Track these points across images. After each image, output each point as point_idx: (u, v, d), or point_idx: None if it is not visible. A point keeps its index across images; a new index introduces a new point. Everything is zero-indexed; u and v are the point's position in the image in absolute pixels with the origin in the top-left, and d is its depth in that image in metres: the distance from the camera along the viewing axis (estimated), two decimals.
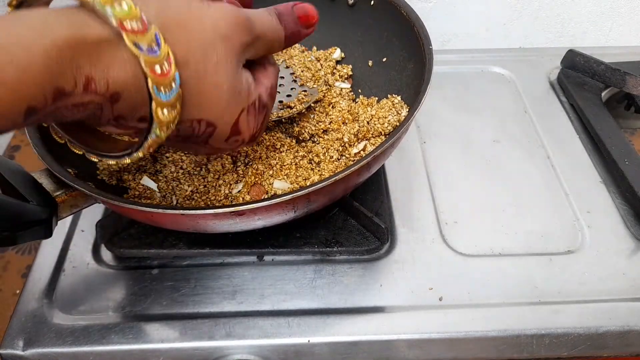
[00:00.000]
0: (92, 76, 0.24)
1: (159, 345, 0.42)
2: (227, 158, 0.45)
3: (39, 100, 0.23)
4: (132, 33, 0.24)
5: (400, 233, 0.50)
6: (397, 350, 0.43)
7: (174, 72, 0.26)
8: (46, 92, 0.23)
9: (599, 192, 0.54)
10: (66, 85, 0.23)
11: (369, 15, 0.54)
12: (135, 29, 0.24)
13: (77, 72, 0.23)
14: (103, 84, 0.24)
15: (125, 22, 0.24)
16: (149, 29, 0.24)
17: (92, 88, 0.24)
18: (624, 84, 0.62)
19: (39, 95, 0.22)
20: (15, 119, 0.22)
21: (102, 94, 0.25)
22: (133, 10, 0.24)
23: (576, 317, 0.43)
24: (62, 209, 0.38)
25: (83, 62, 0.23)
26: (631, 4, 0.75)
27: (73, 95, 0.24)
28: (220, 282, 0.46)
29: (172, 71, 0.26)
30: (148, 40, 0.24)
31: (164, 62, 0.25)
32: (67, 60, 0.23)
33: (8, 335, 0.42)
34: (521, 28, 0.78)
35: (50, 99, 0.23)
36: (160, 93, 0.26)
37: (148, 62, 0.25)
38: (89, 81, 0.24)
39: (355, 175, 0.38)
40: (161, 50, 0.25)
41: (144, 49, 0.24)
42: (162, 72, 0.25)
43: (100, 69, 0.24)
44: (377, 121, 0.48)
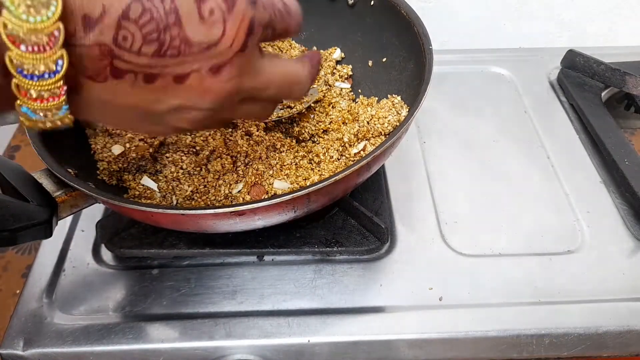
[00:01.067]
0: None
1: (159, 345, 0.42)
2: (227, 158, 0.45)
3: None
4: (18, 44, 0.20)
5: (400, 233, 0.50)
6: (397, 350, 0.43)
7: (62, 104, 0.22)
8: None
9: (599, 192, 0.54)
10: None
11: (369, 15, 0.54)
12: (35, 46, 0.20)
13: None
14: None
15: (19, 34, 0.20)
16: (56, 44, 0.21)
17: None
18: (624, 84, 0.62)
19: None
20: None
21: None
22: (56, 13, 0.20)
23: (576, 317, 0.43)
24: (62, 209, 0.38)
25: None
26: (631, 4, 0.75)
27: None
28: (220, 282, 0.46)
29: (59, 101, 0.22)
30: (48, 58, 0.21)
31: (53, 89, 0.22)
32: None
33: (8, 335, 0.42)
34: (521, 28, 0.78)
35: None
36: (32, 113, 0.23)
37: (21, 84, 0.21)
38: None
39: (355, 175, 0.38)
40: (55, 78, 0.21)
41: (26, 72, 0.21)
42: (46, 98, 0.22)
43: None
44: (377, 121, 0.48)
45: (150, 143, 0.47)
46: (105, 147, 0.46)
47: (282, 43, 0.57)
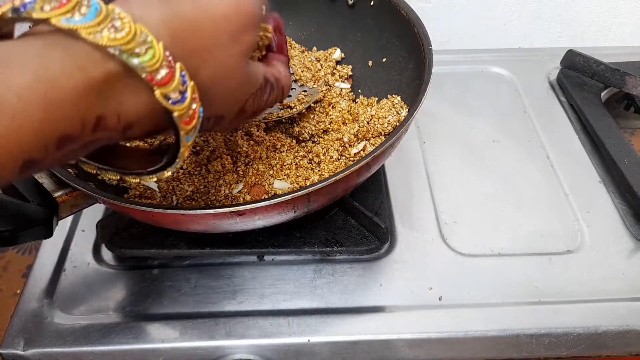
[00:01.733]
0: (103, 115, 0.21)
1: (159, 345, 0.42)
2: (227, 158, 0.45)
3: (39, 152, 0.19)
4: (162, 85, 0.21)
5: (400, 233, 0.50)
6: (397, 350, 0.43)
7: (198, 108, 0.24)
8: (48, 143, 0.19)
9: (598, 192, 0.54)
10: (72, 130, 0.20)
11: (369, 15, 0.54)
12: (164, 78, 0.21)
13: (86, 114, 0.20)
14: (115, 119, 0.22)
15: (155, 74, 0.21)
16: (174, 74, 0.22)
17: (103, 125, 0.21)
18: (624, 84, 0.62)
19: (39, 146, 0.19)
20: (8, 175, 0.19)
21: (114, 128, 0.22)
22: (157, 52, 0.21)
23: (576, 317, 0.43)
24: (63, 209, 0.38)
25: (91, 102, 0.20)
26: (631, 4, 0.75)
27: (81, 138, 0.21)
28: (220, 282, 0.46)
29: (197, 109, 0.24)
30: (176, 86, 0.22)
31: (191, 104, 0.23)
32: (72, 104, 0.20)
33: (8, 335, 0.42)
34: (521, 28, 0.78)
35: (53, 148, 0.20)
36: (189, 137, 0.24)
37: (180, 115, 0.23)
38: (99, 120, 0.21)
39: (355, 175, 0.38)
40: (188, 92, 0.23)
41: (173, 99, 0.22)
42: (191, 118, 0.23)
43: (111, 106, 0.21)
44: (377, 121, 0.48)
45: (150, 143, 0.47)
46: None
47: None
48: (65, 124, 0.20)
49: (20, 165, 0.19)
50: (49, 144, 0.20)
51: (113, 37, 0.20)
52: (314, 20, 0.59)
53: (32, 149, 0.19)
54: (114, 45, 0.20)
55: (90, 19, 0.19)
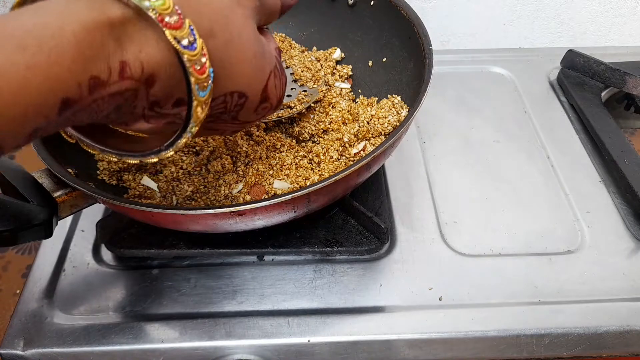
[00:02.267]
0: (126, 60, 0.22)
1: (159, 345, 0.42)
2: (227, 158, 0.45)
3: (74, 91, 0.21)
4: (172, 28, 0.23)
5: (400, 233, 0.50)
6: (397, 350, 0.43)
7: (209, 67, 0.25)
8: (81, 82, 0.21)
9: (598, 192, 0.54)
10: (101, 73, 0.22)
11: (369, 15, 0.54)
12: (173, 23, 0.23)
13: (111, 57, 0.22)
14: (138, 67, 0.23)
15: (165, 16, 0.22)
16: (184, 22, 0.23)
17: (128, 73, 0.23)
18: (624, 84, 0.62)
19: (73, 85, 0.21)
20: (50, 114, 0.21)
21: (138, 78, 0.23)
22: (168, 1, 0.22)
23: (576, 317, 0.43)
24: (63, 209, 0.38)
25: (114, 46, 0.22)
26: (631, 4, 0.75)
27: (109, 84, 0.22)
28: (220, 282, 0.46)
29: (208, 65, 0.25)
30: (186, 34, 0.23)
31: (201, 57, 0.24)
32: (98, 44, 0.21)
33: (8, 335, 0.42)
34: (521, 28, 0.78)
35: (86, 90, 0.21)
36: (200, 91, 0.25)
37: (189, 59, 0.23)
38: (123, 66, 0.22)
39: (355, 175, 0.38)
40: (197, 44, 0.24)
41: (184, 44, 0.23)
42: (202, 69, 0.24)
43: (132, 51, 0.23)
44: (377, 121, 0.48)
45: None
46: None
47: (282, 43, 0.57)
48: (93, 64, 0.21)
49: (59, 103, 0.21)
50: (82, 83, 0.21)
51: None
52: (314, 20, 0.59)
53: (69, 87, 0.21)
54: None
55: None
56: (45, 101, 0.20)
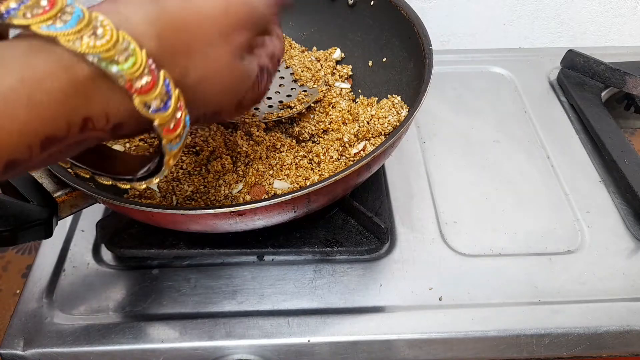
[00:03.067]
0: (90, 116, 0.21)
1: (159, 345, 0.42)
2: (227, 158, 0.45)
3: (22, 152, 0.19)
4: (142, 93, 0.21)
5: (400, 233, 0.50)
6: (397, 350, 0.43)
7: (184, 117, 0.24)
8: (32, 144, 0.19)
9: (598, 192, 0.54)
10: (57, 132, 0.20)
11: (369, 15, 0.54)
12: (144, 86, 0.21)
13: (71, 115, 0.20)
14: (102, 120, 0.22)
15: (134, 81, 0.21)
16: (158, 80, 0.22)
17: (90, 127, 0.21)
18: (624, 84, 0.62)
19: (22, 147, 0.19)
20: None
21: (102, 129, 0.22)
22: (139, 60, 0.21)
23: (576, 317, 0.43)
24: (63, 209, 0.38)
25: (78, 104, 0.20)
26: (631, 4, 0.75)
27: (67, 139, 0.21)
28: (220, 282, 0.46)
29: (183, 117, 0.23)
30: (158, 94, 0.22)
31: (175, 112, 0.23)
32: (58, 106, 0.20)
33: (8, 335, 0.42)
34: (521, 28, 0.78)
35: (38, 149, 0.20)
36: (173, 146, 0.24)
37: (161, 123, 0.22)
38: (86, 122, 0.21)
39: (355, 175, 0.38)
40: (172, 100, 0.22)
41: (154, 108, 0.22)
42: (175, 126, 0.23)
43: (97, 108, 0.21)
44: (377, 121, 0.48)
45: (150, 143, 0.47)
46: None
47: None
48: (50, 125, 0.20)
49: (2, 166, 0.19)
50: (33, 145, 0.19)
51: (92, 44, 0.20)
52: (314, 20, 0.59)
53: (15, 150, 0.19)
54: (93, 53, 0.20)
55: (70, 26, 0.19)
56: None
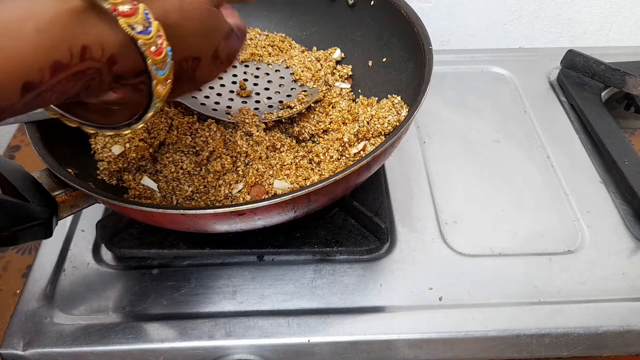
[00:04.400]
0: (87, 44, 0.24)
1: (159, 345, 0.42)
2: (227, 158, 0.45)
3: (35, 75, 0.23)
4: (125, 16, 0.25)
5: (400, 233, 0.50)
6: (397, 350, 0.43)
7: (166, 46, 0.27)
8: (43, 67, 0.23)
9: (599, 192, 0.54)
10: (62, 57, 0.23)
11: (369, 15, 0.54)
12: (127, 11, 0.24)
13: (72, 43, 0.24)
14: (98, 49, 0.25)
15: (118, 6, 0.24)
16: (137, 10, 0.25)
17: (89, 55, 0.24)
18: (624, 84, 0.62)
19: (34, 70, 0.23)
20: (11, 97, 0.23)
21: (99, 59, 0.25)
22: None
23: (576, 317, 0.43)
24: (63, 209, 0.38)
25: (76, 32, 0.24)
26: (631, 4, 0.75)
27: (71, 66, 0.24)
28: (220, 282, 0.46)
29: (165, 45, 0.27)
30: (140, 20, 0.25)
31: (157, 39, 0.26)
32: (59, 32, 0.23)
33: (8, 335, 0.42)
34: (521, 28, 0.78)
35: (48, 73, 0.23)
36: (159, 71, 0.27)
37: (144, 43, 0.26)
38: (84, 50, 0.24)
39: (355, 175, 0.38)
40: (152, 27, 0.26)
41: (138, 30, 0.25)
42: (158, 50, 0.26)
43: (93, 36, 0.24)
44: (377, 121, 0.48)
45: (150, 143, 0.47)
46: (105, 147, 0.46)
47: (282, 43, 0.57)
48: (55, 50, 0.23)
49: (21, 86, 0.22)
50: (43, 68, 0.23)
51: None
52: (314, 20, 0.59)
53: (30, 72, 0.22)
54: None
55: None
56: (5, 87, 0.22)
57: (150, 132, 0.47)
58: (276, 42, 0.57)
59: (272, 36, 0.58)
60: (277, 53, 0.57)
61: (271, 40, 0.57)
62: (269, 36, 0.58)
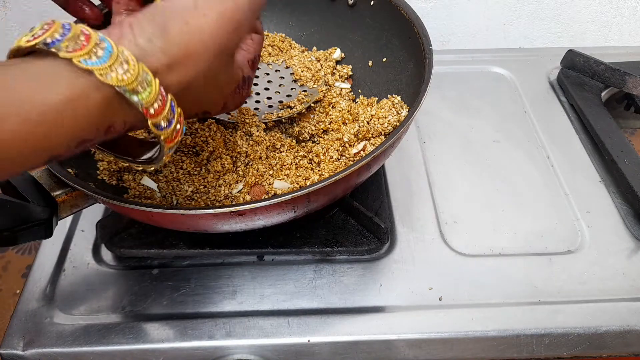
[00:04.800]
0: (113, 123, 0.26)
1: (159, 345, 0.42)
2: (227, 158, 0.45)
3: (62, 149, 0.25)
4: (154, 116, 0.26)
5: (400, 233, 0.50)
6: (397, 350, 0.43)
7: (182, 127, 0.28)
8: (70, 143, 0.25)
9: (598, 192, 0.54)
10: (90, 135, 0.25)
11: (369, 15, 0.54)
12: (156, 111, 0.26)
13: (100, 124, 0.25)
14: (121, 126, 0.26)
15: (149, 108, 0.25)
16: (166, 103, 0.26)
17: (112, 131, 0.26)
18: (624, 84, 0.62)
19: (63, 147, 0.24)
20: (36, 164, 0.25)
21: (120, 131, 0.27)
22: (154, 90, 0.25)
23: (576, 317, 0.43)
24: (63, 209, 0.38)
25: (106, 115, 0.25)
26: (631, 3, 0.75)
27: (94, 140, 0.26)
28: (220, 282, 0.46)
29: (181, 129, 0.28)
30: (165, 115, 0.26)
31: (177, 125, 0.27)
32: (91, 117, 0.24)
33: (8, 335, 0.42)
34: (521, 28, 0.78)
35: (73, 147, 0.25)
36: (171, 150, 0.29)
37: (165, 137, 0.27)
38: (109, 128, 0.26)
39: (355, 175, 0.38)
40: (175, 117, 0.27)
41: (162, 126, 0.27)
42: (175, 137, 0.28)
43: (119, 118, 0.26)
44: (377, 121, 0.48)
45: None
46: None
47: (282, 43, 0.57)
48: (85, 131, 0.25)
49: (47, 158, 0.25)
50: (71, 145, 0.25)
51: (121, 78, 0.24)
52: (314, 20, 0.59)
53: (59, 148, 0.24)
54: (120, 85, 0.24)
55: (103, 62, 0.24)
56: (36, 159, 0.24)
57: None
58: (276, 42, 0.57)
59: (272, 36, 0.58)
60: (277, 53, 0.57)
61: (271, 40, 0.57)
62: (269, 36, 0.58)
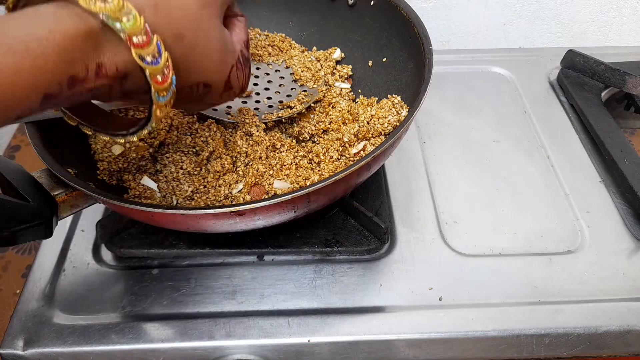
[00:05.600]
0: (102, 62, 0.26)
1: (159, 345, 0.42)
2: (227, 158, 0.45)
3: (55, 87, 0.25)
4: (138, 47, 0.26)
5: (400, 233, 0.50)
6: (397, 350, 0.43)
7: (172, 76, 0.28)
8: (61, 81, 0.25)
9: (598, 192, 0.54)
10: (79, 72, 0.25)
11: (369, 15, 0.54)
12: (140, 42, 0.26)
13: (88, 60, 0.25)
14: (112, 68, 0.27)
15: (132, 37, 0.26)
16: (151, 40, 0.27)
17: (103, 72, 0.26)
18: (624, 84, 0.62)
19: (54, 84, 0.24)
20: (32, 106, 0.25)
21: (112, 76, 0.27)
22: (138, 22, 0.26)
23: (576, 317, 0.43)
24: (63, 209, 0.38)
25: (92, 50, 0.25)
26: (631, 3, 0.75)
27: (86, 81, 0.26)
28: (220, 282, 0.46)
29: (171, 75, 0.28)
30: (151, 51, 0.27)
31: (164, 69, 0.28)
32: (77, 50, 0.25)
33: (8, 335, 0.42)
34: (521, 28, 0.78)
35: (65, 87, 0.25)
36: (160, 97, 0.28)
37: (152, 73, 0.27)
38: (99, 67, 0.26)
39: (355, 175, 0.38)
40: (162, 57, 0.27)
41: (148, 60, 0.27)
42: (163, 79, 0.28)
43: (108, 55, 0.26)
44: (377, 121, 0.48)
45: (150, 143, 0.47)
46: (106, 147, 0.46)
47: (282, 43, 0.57)
48: (73, 66, 0.25)
49: (41, 98, 0.24)
50: (62, 82, 0.25)
51: (103, 6, 0.25)
52: (314, 20, 0.59)
53: (50, 85, 0.24)
54: (103, 12, 0.25)
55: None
56: (28, 97, 0.24)
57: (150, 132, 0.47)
58: (276, 42, 0.57)
59: (272, 36, 0.58)
60: (277, 53, 0.57)
61: (271, 40, 0.57)
62: (269, 36, 0.58)
